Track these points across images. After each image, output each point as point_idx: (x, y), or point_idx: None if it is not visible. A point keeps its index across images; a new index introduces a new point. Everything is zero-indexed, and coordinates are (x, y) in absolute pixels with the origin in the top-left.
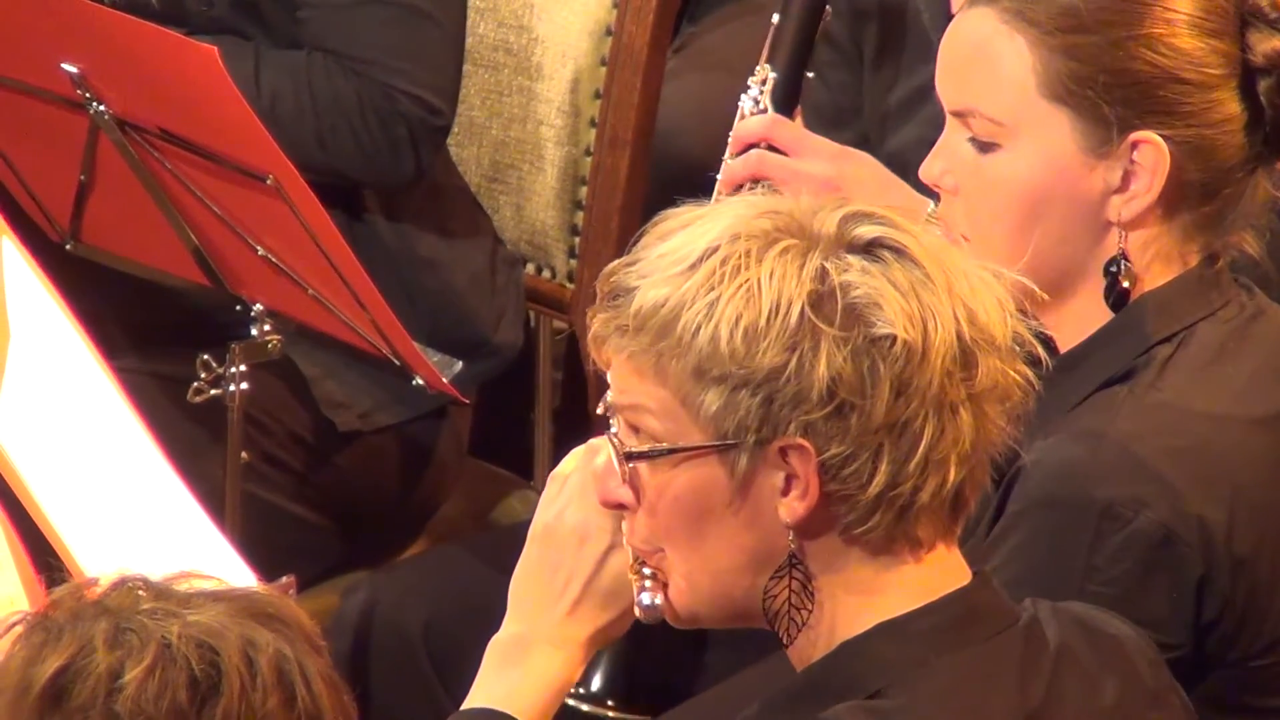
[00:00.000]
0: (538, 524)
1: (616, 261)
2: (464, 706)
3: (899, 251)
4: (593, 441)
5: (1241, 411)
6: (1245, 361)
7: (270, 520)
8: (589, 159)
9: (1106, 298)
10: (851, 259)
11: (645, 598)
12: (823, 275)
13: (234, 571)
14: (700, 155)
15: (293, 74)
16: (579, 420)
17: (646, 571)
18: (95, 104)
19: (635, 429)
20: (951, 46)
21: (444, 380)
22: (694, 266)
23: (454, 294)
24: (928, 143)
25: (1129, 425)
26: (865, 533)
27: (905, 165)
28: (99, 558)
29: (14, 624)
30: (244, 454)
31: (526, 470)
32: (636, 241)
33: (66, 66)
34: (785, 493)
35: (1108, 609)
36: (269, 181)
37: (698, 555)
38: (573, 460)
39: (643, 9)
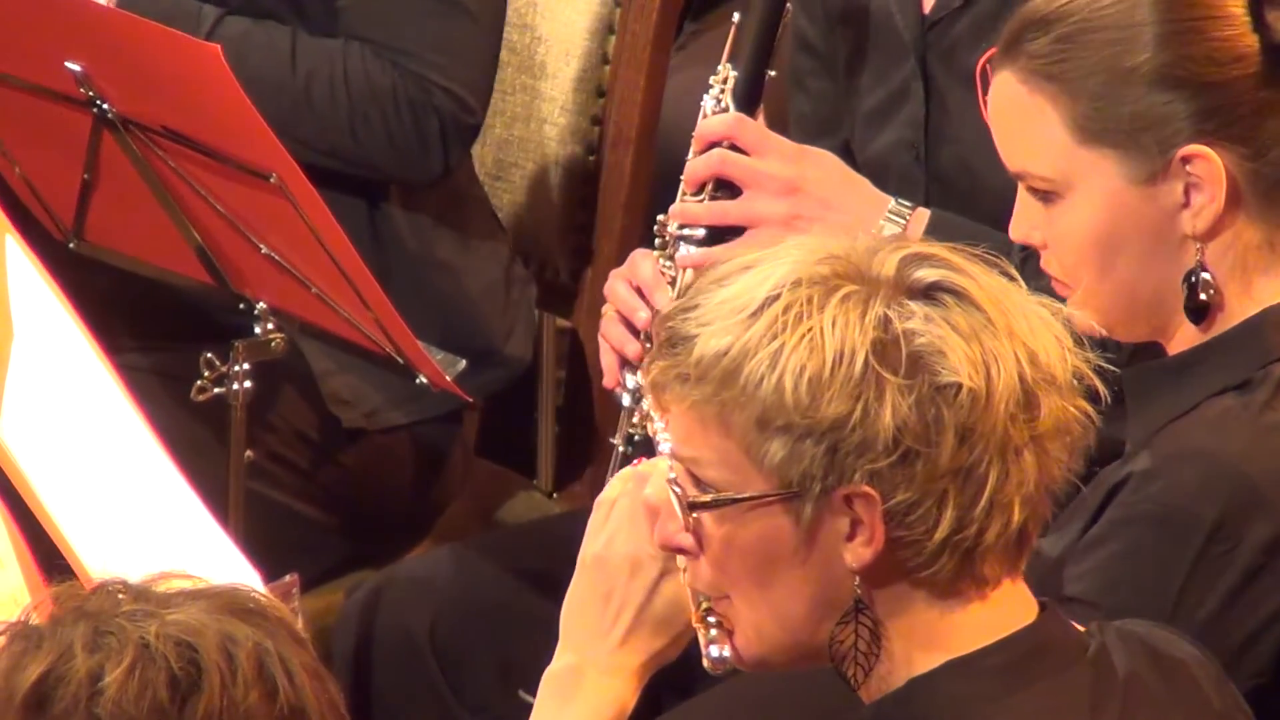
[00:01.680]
0: (587, 553)
1: (673, 305)
2: None
3: (959, 295)
4: (640, 468)
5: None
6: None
7: (275, 518)
8: (592, 157)
9: (1186, 310)
10: (913, 305)
11: (714, 650)
12: (886, 323)
13: (238, 570)
14: None
15: (329, 59)
16: (582, 419)
17: (713, 620)
18: (99, 102)
19: (696, 477)
20: (993, 112)
21: (447, 379)
22: (755, 314)
23: (468, 300)
24: (906, 145)
25: (1241, 446)
26: (931, 575)
27: (885, 170)
28: (102, 556)
29: None
30: (249, 452)
31: (530, 469)
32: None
33: (70, 65)
34: (850, 538)
35: (1197, 632)
36: (272, 180)
37: (764, 603)
38: (618, 485)
39: (646, 7)
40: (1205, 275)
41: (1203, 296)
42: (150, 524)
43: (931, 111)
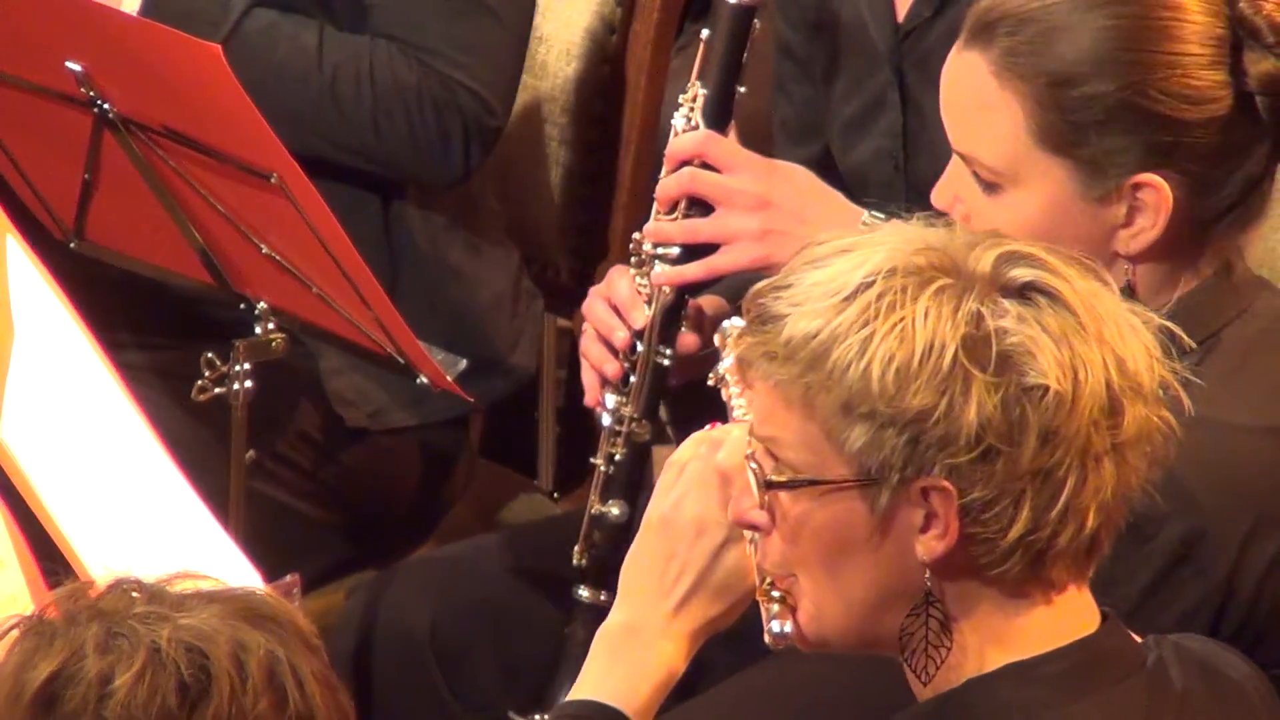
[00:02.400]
0: (653, 513)
1: (764, 283)
2: (572, 696)
3: (1052, 296)
4: (713, 432)
5: (1265, 421)
6: (1270, 368)
7: (277, 518)
8: (592, 157)
9: None
10: (1007, 304)
11: (775, 625)
12: (978, 319)
13: (238, 570)
14: None
15: (355, 54)
16: (583, 420)
17: (776, 595)
18: (99, 102)
19: (774, 455)
20: (948, 88)
21: (448, 379)
22: (849, 299)
23: (477, 307)
24: (885, 154)
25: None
26: (1000, 575)
27: (865, 179)
28: (103, 556)
29: (10, 628)
30: (251, 452)
31: (531, 468)
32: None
33: (71, 65)
34: (924, 531)
35: (1125, 620)
36: (273, 180)
37: (832, 585)
38: (691, 447)
39: (646, 8)
40: (1133, 297)
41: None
42: (151, 524)
43: (909, 121)
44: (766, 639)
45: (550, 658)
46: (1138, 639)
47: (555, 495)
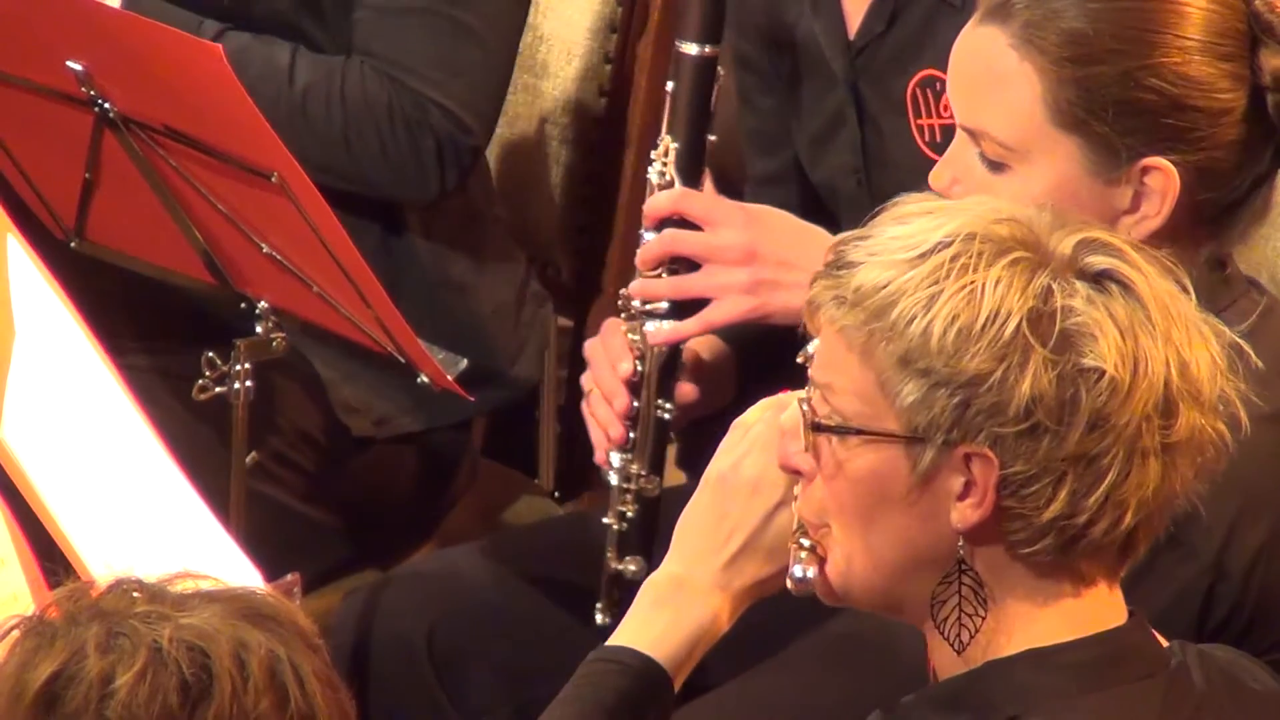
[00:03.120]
0: (713, 470)
1: (848, 233)
2: (611, 641)
3: (1127, 287)
4: (782, 396)
5: (1251, 409)
6: (1257, 358)
7: (278, 519)
8: (594, 157)
9: None
10: (1079, 285)
11: (798, 570)
12: (1047, 295)
13: (239, 569)
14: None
15: (328, 73)
16: (584, 419)
17: (805, 543)
18: (100, 102)
19: (829, 402)
20: (961, 62)
21: (449, 378)
22: (924, 256)
23: (477, 322)
24: (849, 170)
25: None
26: (1030, 554)
27: (834, 193)
28: (104, 555)
29: (11, 628)
30: (254, 454)
31: (532, 468)
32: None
33: (71, 64)
34: (962, 498)
35: None
36: (274, 179)
37: (863, 538)
38: (758, 411)
39: (648, 7)
40: None
41: None
42: (152, 523)
43: (867, 137)
44: (788, 584)
45: (549, 662)
46: (1164, 642)
47: (557, 495)
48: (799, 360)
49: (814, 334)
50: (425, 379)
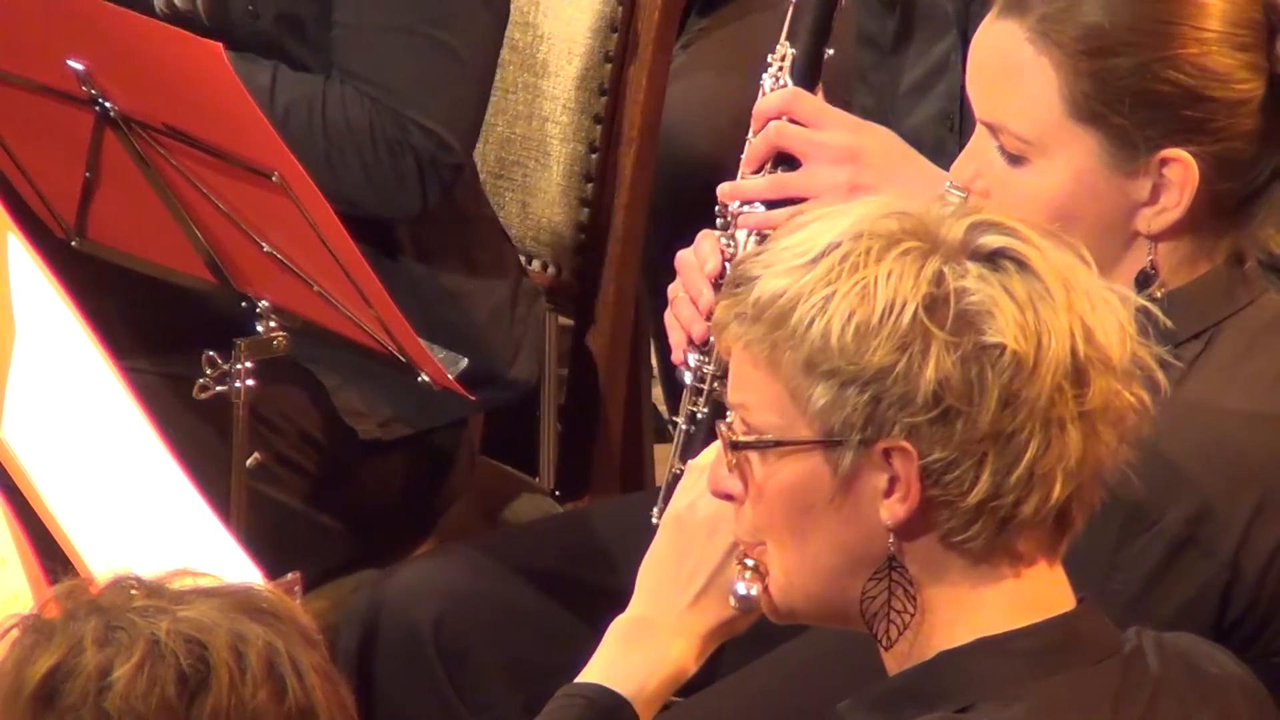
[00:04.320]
0: (670, 512)
1: (748, 252)
2: (580, 678)
3: (1021, 264)
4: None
5: (1271, 408)
6: (1276, 357)
7: (279, 519)
8: (595, 156)
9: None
10: (971, 266)
11: (741, 587)
12: (940, 279)
13: (239, 568)
14: (707, 151)
15: (309, 94)
16: (584, 418)
17: (749, 563)
18: (101, 100)
19: (746, 422)
20: (979, 57)
21: (449, 377)
22: (815, 260)
23: (473, 328)
24: (942, 116)
25: (1157, 425)
26: (964, 541)
27: (919, 143)
28: (105, 555)
29: (10, 627)
30: (256, 455)
31: (533, 467)
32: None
33: (72, 63)
34: (888, 495)
35: (1126, 606)
36: (274, 178)
37: (797, 551)
38: (713, 452)
39: (648, 5)
40: (1156, 276)
41: (1158, 295)
42: (153, 522)
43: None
44: (731, 602)
45: (553, 657)
46: (1115, 629)
47: (557, 494)
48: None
49: (724, 358)
50: (425, 378)
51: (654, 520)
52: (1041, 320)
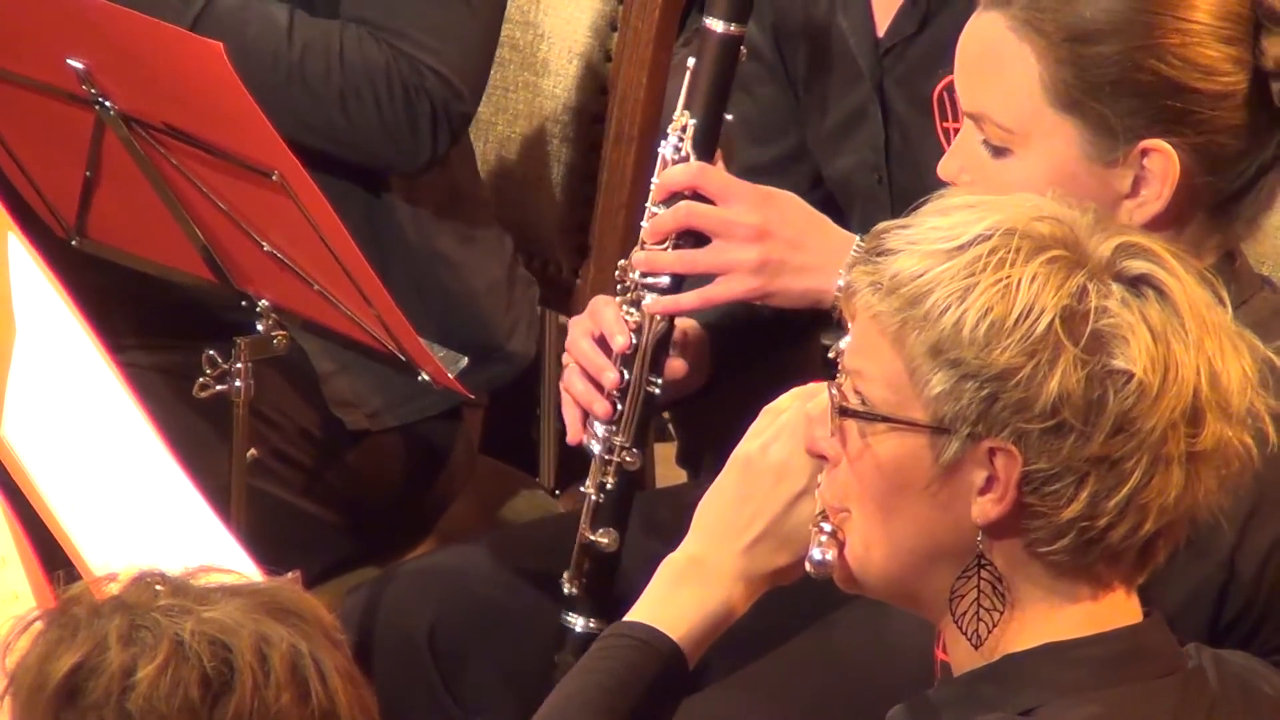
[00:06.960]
0: (740, 452)
1: (890, 221)
2: (628, 617)
3: (1163, 293)
4: (812, 385)
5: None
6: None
7: (278, 516)
8: (595, 155)
9: None
10: (1115, 287)
11: (816, 553)
12: (1082, 294)
13: (240, 567)
14: None
15: (325, 34)
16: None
17: (826, 527)
18: (101, 100)
19: (858, 389)
20: (965, 49)
21: (449, 376)
22: (962, 248)
23: (470, 296)
24: (868, 167)
25: None
26: (1048, 554)
27: (850, 189)
28: (105, 553)
29: (33, 620)
30: (252, 450)
31: (532, 466)
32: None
33: (72, 62)
34: (983, 492)
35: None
36: (274, 177)
37: (882, 526)
38: (789, 398)
39: (648, 4)
40: None
41: None
42: (153, 521)
43: (891, 136)
44: (807, 566)
45: (549, 659)
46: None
47: (556, 492)
48: (829, 355)
49: (849, 319)
50: (426, 377)
51: (564, 588)
52: (1172, 355)
